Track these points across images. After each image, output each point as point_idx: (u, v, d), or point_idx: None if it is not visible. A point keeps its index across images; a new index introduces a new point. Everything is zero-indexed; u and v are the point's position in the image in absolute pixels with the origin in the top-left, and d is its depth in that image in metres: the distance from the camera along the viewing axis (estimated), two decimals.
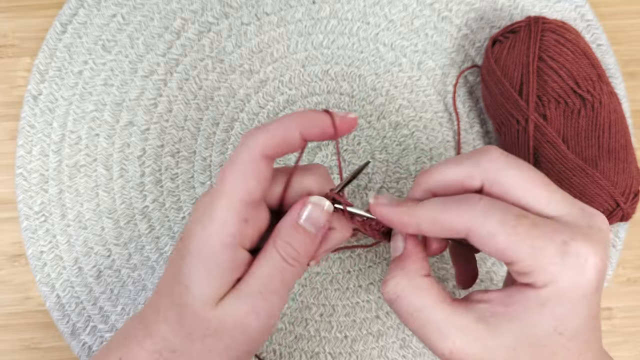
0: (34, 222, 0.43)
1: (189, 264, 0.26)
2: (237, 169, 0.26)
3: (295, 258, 0.27)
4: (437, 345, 0.25)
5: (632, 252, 0.44)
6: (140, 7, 0.46)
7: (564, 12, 0.47)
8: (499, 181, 0.25)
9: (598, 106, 0.38)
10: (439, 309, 0.25)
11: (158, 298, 0.28)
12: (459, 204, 0.25)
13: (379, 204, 0.27)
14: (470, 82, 0.46)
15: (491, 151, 0.26)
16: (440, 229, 0.25)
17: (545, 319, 0.24)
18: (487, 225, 0.24)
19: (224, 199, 0.26)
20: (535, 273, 0.23)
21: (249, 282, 0.27)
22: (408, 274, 0.26)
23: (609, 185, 0.37)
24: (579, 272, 0.23)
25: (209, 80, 0.45)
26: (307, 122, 0.26)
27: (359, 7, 0.46)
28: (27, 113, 0.45)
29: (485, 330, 0.24)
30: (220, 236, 0.26)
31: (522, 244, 0.23)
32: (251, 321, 0.26)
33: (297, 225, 0.27)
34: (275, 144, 0.26)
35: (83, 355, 0.42)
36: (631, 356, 0.43)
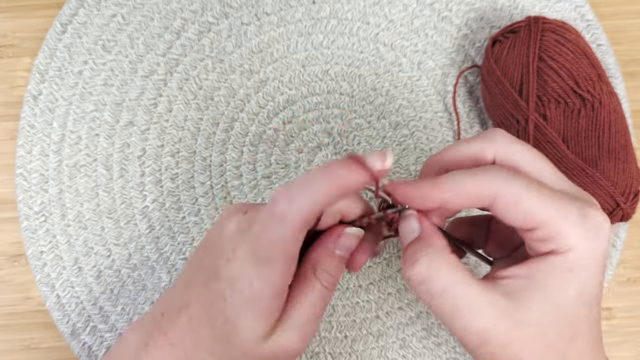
0: (34, 222, 0.43)
1: (236, 309, 0.26)
2: (282, 247, 0.25)
3: (332, 282, 0.28)
4: (470, 324, 0.24)
5: (632, 252, 0.44)
6: (140, 7, 0.46)
7: (564, 12, 0.47)
8: (509, 156, 0.26)
9: (598, 106, 0.38)
10: (472, 285, 0.24)
11: (190, 325, 0.28)
12: (484, 171, 0.25)
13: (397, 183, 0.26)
14: (470, 82, 0.46)
15: (499, 131, 0.27)
16: (466, 198, 0.25)
17: (570, 287, 0.24)
18: (515, 188, 0.24)
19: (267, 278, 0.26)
20: (558, 237, 0.24)
21: (294, 314, 0.27)
22: (439, 251, 0.25)
23: (609, 185, 0.37)
24: (598, 237, 0.24)
25: (209, 80, 0.45)
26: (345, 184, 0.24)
27: (359, 7, 0.46)
28: (27, 113, 0.45)
29: (513, 305, 0.24)
30: (272, 289, 0.26)
31: (547, 206, 0.24)
32: (299, 347, 0.28)
33: (333, 254, 0.28)
34: (316, 215, 0.25)
35: (83, 355, 0.42)
36: (631, 356, 0.43)
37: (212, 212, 0.44)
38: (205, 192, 0.44)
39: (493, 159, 0.26)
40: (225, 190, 0.44)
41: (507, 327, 0.24)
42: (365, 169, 0.23)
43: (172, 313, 0.28)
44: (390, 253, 0.43)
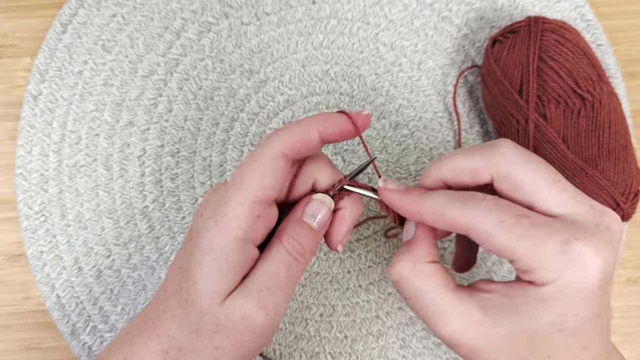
0: (34, 222, 0.43)
1: (198, 259, 0.26)
2: (256, 166, 0.26)
3: (300, 253, 0.28)
4: (438, 329, 0.26)
5: (632, 252, 0.44)
6: (140, 7, 0.46)
7: (564, 12, 0.47)
8: (508, 176, 0.25)
9: (598, 106, 0.38)
10: (441, 294, 0.26)
11: (164, 297, 0.28)
12: (462, 202, 0.25)
13: (387, 189, 0.28)
14: (470, 82, 0.46)
15: (503, 145, 0.26)
16: (441, 223, 0.26)
17: (544, 316, 0.24)
18: (487, 226, 0.24)
19: (238, 194, 0.26)
20: (535, 271, 0.24)
21: (255, 278, 0.27)
22: (413, 259, 0.27)
23: (609, 185, 0.37)
24: (580, 271, 0.23)
25: (209, 80, 0.45)
26: (326, 122, 0.27)
27: (359, 7, 0.46)
28: (27, 113, 0.45)
29: (486, 319, 0.25)
30: (232, 231, 0.26)
31: (522, 242, 0.24)
32: (258, 316, 0.26)
33: (302, 222, 0.28)
34: (295, 143, 0.27)
35: (83, 355, 0.42)
36: (631, 356, 0.43)
37: None
38: (205, 192, 0.44)
39: (490, 178, 0.26)
40: None
41: (475, 336, 0.25)
42: (346, 114, 0.28)
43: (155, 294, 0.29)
44: (390, 253, 0.43)
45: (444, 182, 0.28)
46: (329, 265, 0.43)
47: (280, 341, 0.42)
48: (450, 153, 0.27)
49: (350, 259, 0.43)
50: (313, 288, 0.43)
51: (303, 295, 0.43)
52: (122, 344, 0.28)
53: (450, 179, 0.27)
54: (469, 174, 0.26)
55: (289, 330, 0.42)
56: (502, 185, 0.26)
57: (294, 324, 0.42)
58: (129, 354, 0.27)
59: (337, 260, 0.43)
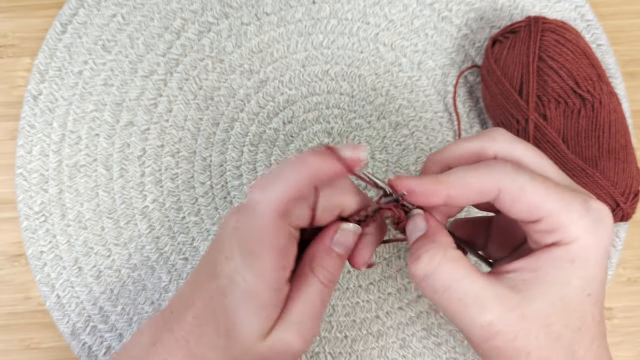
0: (34, 222, 0.43)
1: (236, 304, 0.26)
2: (264, 242, 0.25)
3: (331, 280, 0.28)
4: (476, 318, 0.24)
5: (632, 252, 0.44)
6: (140, 7, 0.46)
7: (564, 12, 0.47)
8: (511, 154, 0.26)
9: (598, 106, 0.38)
10: (476, 280, 0.24)
11: (195, 321, 0.28)
12: (487, 165, 0.25)
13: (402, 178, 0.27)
14: (470, 82, 0.46)
15: (499, 129, 0.27)
16: (471, 192, 0.25)
17: (575, 277, 0.24)
18: (519, 181, 0.24)
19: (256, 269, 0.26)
20: (563, 229, 0.24)
21: (293, 311, 0.27)
22: (443, 247, 0.25)
23: (609, 185, 0.37)
24: (602, 228, 0.24)
25: (209, 80, 0.45)
26: (317, 172, 0.25)
27: (359, 7, 0.46)
28: (27, 113, 0.45)
29: (519, 298, 0.24)
30: (266, 285, 0.26)
31: (552, 198, 0.24)
32: (299, 345, 0.27)
33: (331, 250, 0.28)
34: (290, 203, 0.25)
35: (83, 355, 0.42)
36: (631, 356, 0.43)
37: (212, 212, 0.44)
38: (205, 192, 0.44)
39: (494, 156, 0.26)
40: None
41: (513, 320, 0.24)
42: (338, 157, 0.25)
43: (179, 311, 0.29)
44: (390, 253, 0.43)
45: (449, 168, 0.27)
46: None
47: None
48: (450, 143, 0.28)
49: None
50: None
51: None
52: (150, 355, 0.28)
53: (455, 162, 0.27)
54: (474, 155, 0.27)
55: None
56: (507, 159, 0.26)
57: None
58: None
59: None
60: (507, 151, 0.26)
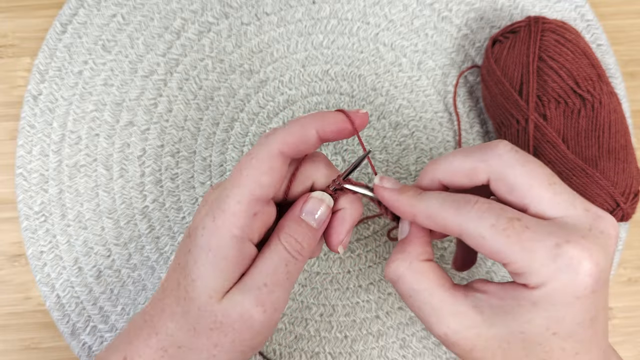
0: (34, 222, 0.43)
1: (196, 257, 0.26)
2: (253, 164, 0.26)
3: (298, 251, 0.28)
4: (433, 328, 0.26)
5: (632, 252, 0.44)
6: (140, 7, 0.46)
7: (564, 12, 0.47)
8: (503, 178, 0.25)
9: (598, 106, 0.38)
10: (436, 293, 0.26)
11: (162, 295, 0.28)
12: (455, 204, 0.25)
13: (382, 187, 0.28)
14: (470, 82, 0.46)
15: (500, 146, 0.26)
16: (434, 225, 0.26)
17: (537, 318, 0.24)
18: (479, 229, 0.24)
19: (236, 192, 0.26)
20: (527, 274, 0.24)
21: (254, 275, 0.27)
22: (408, 258, 0.27)
23: (609, 185, 0.37)
24: (571, 275, 0.23)
25: (209, 80, 0.45)
26: (324, 121, 0.27)
27: (359, 7, 0.46)
28: (27, 113, 0.45)
29: (480, 319, 0.25)
30: (229, 228, 0.26)
31: (514, 246, 0.24)
32: (256, 314, 0.27)
33: (300, 219, 0.28)
34: (293, 142, 0.27)
35: (83, 355, 0.42)
36: (631, 356, 0.43)
37: None
38: (205, 192, 0.44)
39: (487, 179, 0.26)
40: None
41: (469, 335, 0.25)
42: (344, 113, 0.28)
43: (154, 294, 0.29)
44: (390, 253, 0.43)
45: (441, 183, 0.28)
46: (329, 265, 0.43)
47: (280, 341, 0.42)
48: (447, 154, 0.28)
49: (350, 259, 0.43)
50: (313, 288, 0.43)
51: (303, 295, 0.43)
52: (122, 343, 0.28)
53: (446, 180, 0.27)
54: (465, 174, 0.26)
55: (289, 330, 0.42)
56: (498, 186, 0.26)
57: (294, 324, 0.42)
58: (129, 352, 0.27)
59: (337, 260, 0.43)
60: (499, 176, 0.26)
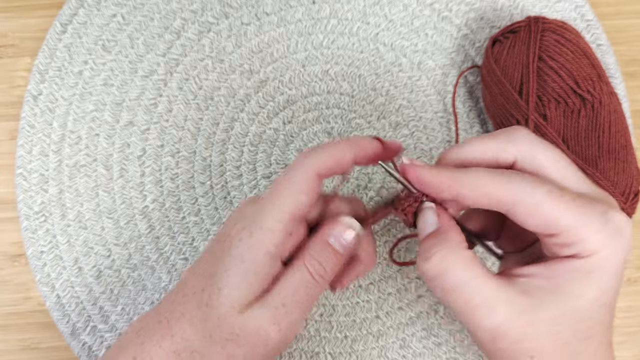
0: (34, 222, 0.43)
1: (228, 267, 0.26)
2: (293, 183, 0.26)
3: (321, 275, 0.27)
4: (484, 320, 0.24)
5: (632, 252, 0.44)
6: (140, 7, 0.46)
7: (564, 12, 0.47)
8: (532, 158, 0.25)
9: (598, 106, 0.38)
10: (486, 282, 0.24)
11: (183, 299, 0.28)
12: (505, 175, 0.25)
13: (416, 165, 0.26)
14: (470, 82, 0.46)
15: (522, 129, 0.26)
16: (484, 198, 0.25)
17: (591, 289, 0.24)
18: (535, 195, 0.24)
19: (275, 210, 0.26)
20: (580, 242, 0.24)
21: (274, 294, 0.27)
22: (454, 247, 0.25)
23: (609, 185, 0.37)
24: (620, 240, 0.24)
25: (209, 80, 0.45)
26: (361, 147, 0.28)
27: (359, 7, 0.46)
28: (27, 113, 0.45)
29: (530, 303, 0.24)
30: (266, 245, 0.26)
31: (569, 212, 0.23)
32: (272, 332, 0.27)
33: (327, 244, 0.28)
34: (330, 165, 0.27)
35: (83, 355, 0.42)
36: (631, 356, 0.43)
37: (212, 212, 0.44)
38: (205, 192, 0.44)
39: (514, 160, 0.26)
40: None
41: (521, 324, 0.24)
42: (380, 140, 0.28)
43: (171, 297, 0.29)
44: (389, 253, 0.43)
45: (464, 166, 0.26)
46: None
47: None
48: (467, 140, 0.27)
49: None
50: None
51: None
52: (132, 342, 0.28)
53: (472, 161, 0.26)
54: (493, 156, 0.26)
55: None
56: (526, 165, 0.25)
57: None
58: (140, 352, 0.27)
59: None
60: (528, 156, 0.25)
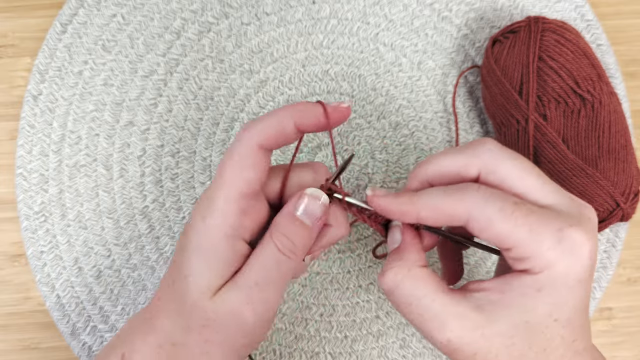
0: (34, 222, 0.43)
1: (189, 255, 0.27)
2: (235, 161, 0.26)
3: (291, 250, 0.27)
4: (436, 335, 0.25)
5: (632, 252, 0.44)
6: (140, 7, 0.46)
7: (564, 12, 0.47)
8: (495, 170, 0.26)
9: (598, 106, 0.38)
10: (437, 298, 0.25)
11: (160, 293, 0.29)
12: (459, 191, 0.25)
13: (377, 196, 0.27)
14: (470, 82, 0.46)
15: (487, 142, 0.26)
16: (441, 216, 0.26)
17: (541, 304, 0.24)
18: (487, 212, 0.24)
19: (222, 191, 0.26)
20: (532, 259, 0.24)
21: (245, 273, 0.27)
22: (406, 264, 0.26)
23: (609, 185, 0.37)
24: (575, 258, 0.24)
25: (209, 80, 0.45)
26: (301, 112, 0.27)
27: (359, 7, 0.46)
28: (27, 113, 0.45)
29: (482, 318, 0.25)
30: (220, 227, 0.26)
31: (520, 229, 0.24)
32: (246, 312, 0.27)
33: (294, 217, 0.28)
34: (271, 135, 0.27)
35: (83, 355, 0.42)
36: (631, 356, 0.43)
37: None
38: None
39: (477, 175, 0.26)
40: None
41: (473, 339, 0.24)
42: (323, 106, 0.27)
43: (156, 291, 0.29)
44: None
45: (430, 184, 0.28)
46: (329, 265, 0.43)
47: (280, 341, 0.42)
48: (434, 155, 0.28)
49: (350, 259, 0.43)
50: (313, 288, 0.43)
51: (303, 295, 0.43)
52: (120, 341, 0.29)
53: (437, 180, 0.27)
54: (457, 172, 0.26)
55: (289, 330, 0.42)
56: (490, 179, 0.26)
57: (294, 324, 0.42)
58: (128, 349, 0.28)
59: (337, 260, 0.43)
60: (491, 169, 0.26)
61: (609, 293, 0.43)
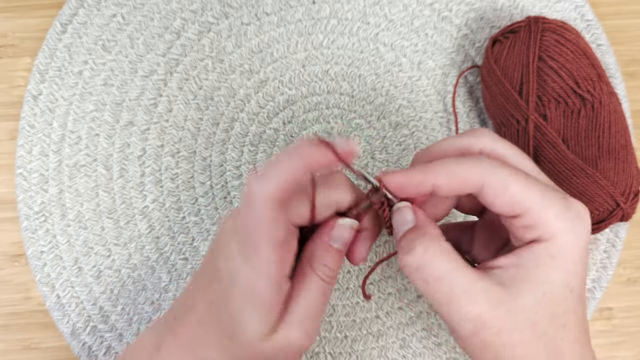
0: (34, 222, 0.43)
1: (238, 305, 0.26)
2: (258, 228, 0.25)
3: (331, 276, 0.28)
4: (464, 310, 0.24)
5: (632, 252, 0.44)
6: (140, 7, 0.46)
7: (564, 12, 0.47)
8: (495, 151, 0.27)
9: (598, 106, 0.38)
10: (467, 273, 0.25)
11: (199, 321, 0.28)
12: (472, 159, 0.26)
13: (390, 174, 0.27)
14: (470, 82, 0.46)
15: (484, 129, 0.28)
16: (457, 182, 0.25)
17: (556, 273, 0.24)
18: (502, 175, 0.25)
19: (260, 259, 0.25)
20: (543, 224, 0.24)
21: (296, 310, 0.27)
22: (434, 239, 0.26)
23: (609, 185, 0.37)
24: (581, 226, 0.24)
25: (209, 80, 0.45)
26: (312, 161, 0.25)
27: (359, 7, 0.46)
28: (27, 113, 0.45)
29: (506, 294, 0.24)
30: (266, 280, 0.26)
31: (533, 194, 0.24)
32: (303, 342, 0.27)
33: (329, 247, 0.28)
34: (288, 192, 0.25)
35: (83, 355, 0.42)
36: (631, 356, 0.43)
37: (212, 212, 0.44)
38: (205, 192, 0.44)
39: (480, 152, 0.27)
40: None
41: (500, 314, 0.24)
42: (331, 148, 0.24)
43: (182, 316, 0.29)
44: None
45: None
46: None
47: None
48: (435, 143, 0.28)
49: None
50: None
51: None
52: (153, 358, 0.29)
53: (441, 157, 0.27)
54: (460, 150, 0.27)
55: None
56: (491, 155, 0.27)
57: None
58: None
59: None
60: (492, 148, 0.27)
61: (609, 293, 0.43)
